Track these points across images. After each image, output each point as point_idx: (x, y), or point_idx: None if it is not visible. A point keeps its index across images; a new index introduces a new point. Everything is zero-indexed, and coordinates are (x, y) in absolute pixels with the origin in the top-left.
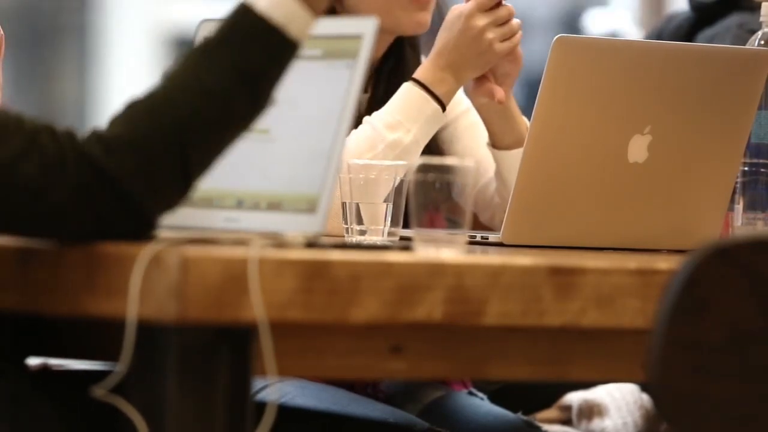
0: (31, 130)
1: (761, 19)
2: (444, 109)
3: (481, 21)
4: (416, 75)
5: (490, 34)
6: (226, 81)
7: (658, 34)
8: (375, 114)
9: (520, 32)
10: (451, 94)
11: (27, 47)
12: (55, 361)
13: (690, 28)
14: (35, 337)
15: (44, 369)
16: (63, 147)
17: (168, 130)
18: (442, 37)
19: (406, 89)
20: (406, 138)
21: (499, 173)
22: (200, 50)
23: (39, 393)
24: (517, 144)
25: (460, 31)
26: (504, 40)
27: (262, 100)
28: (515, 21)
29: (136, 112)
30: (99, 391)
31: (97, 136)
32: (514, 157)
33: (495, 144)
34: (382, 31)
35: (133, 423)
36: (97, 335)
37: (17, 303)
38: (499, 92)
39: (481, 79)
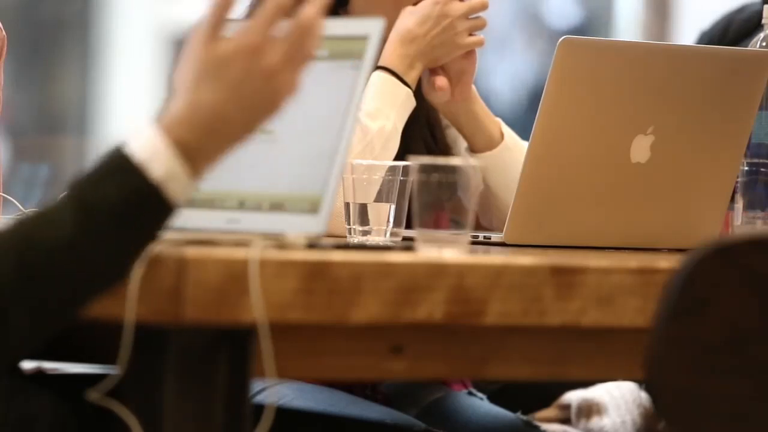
0: None
1: (763, 21)
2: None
3: (457, 10)
4: (386, 63)
5: (460, 26)
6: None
7: (727, 23)
8: None
9: (483, 32)
10: (417, 79)
11: (29, 47)
12: (50, 365)
13: (758, 21)
14: None
15: (39, 372)
16: None
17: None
18: (413, 21)
19: (379, 79)
20: (388, 124)
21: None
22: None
23: (33, 396)
24: (488, 146)
25: (435, 19)
26: (470, 34)
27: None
28: (483, 16)
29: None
30: (94, 395)
31: None
32: (488, 159)
33: (470, 147)
34: (388, 32)
35: (129, 427)
36: (94, 338)
37: None
38: (440, 80)
39: (431, 73)
